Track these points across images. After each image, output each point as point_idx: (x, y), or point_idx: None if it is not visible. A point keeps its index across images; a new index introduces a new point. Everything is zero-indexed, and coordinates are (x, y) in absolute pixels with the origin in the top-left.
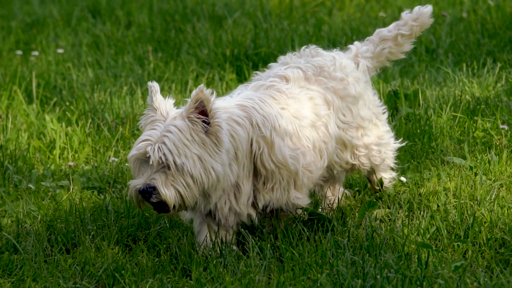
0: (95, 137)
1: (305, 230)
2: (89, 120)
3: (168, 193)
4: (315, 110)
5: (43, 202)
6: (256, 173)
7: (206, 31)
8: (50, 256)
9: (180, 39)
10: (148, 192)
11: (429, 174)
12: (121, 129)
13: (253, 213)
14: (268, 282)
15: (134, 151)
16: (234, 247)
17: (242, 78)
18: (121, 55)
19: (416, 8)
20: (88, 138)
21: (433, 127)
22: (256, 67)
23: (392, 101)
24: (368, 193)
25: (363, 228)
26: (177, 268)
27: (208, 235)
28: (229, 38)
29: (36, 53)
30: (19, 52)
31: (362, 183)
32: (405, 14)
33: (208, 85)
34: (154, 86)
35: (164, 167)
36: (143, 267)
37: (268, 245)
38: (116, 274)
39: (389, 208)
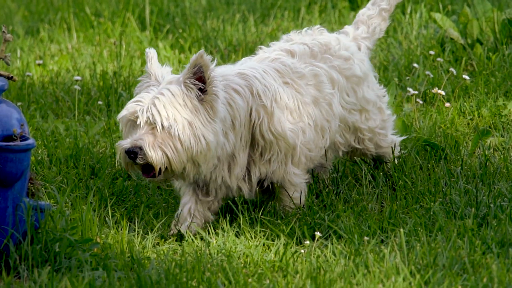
0: None
1: (418, 158)
2: (202, 47)
3: (154, 155)
4: (319, 87)
5: None
6: (253, 144)
7: None
8: None
9: None
10: (134, 152)
11: None
12: (233, 56)
13: (245, 187)
14: (380, 210)
15: (124, 111)
16: (212, 217)
17: (354, 6)
18: None
19: None
20: None
21: None
22: None
23: (506, 30)
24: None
25: (477, 157)
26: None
27: (192, 200)
28: None
29: None
30: None
31: (477, 113)
32: None
33: (320, 13)
34: (151, 52)
35: (153, 129)
36: (256, 194)
37: (381, 173)
38: (232, 205)
39: (503, 136)
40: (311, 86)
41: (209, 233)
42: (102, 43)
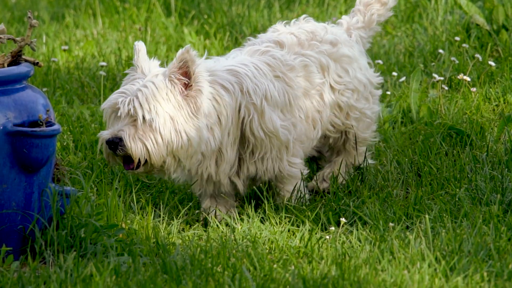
0: None
1: (443, 144)
2: (227, 33)
3: (133, 146)
4: (309, 78)
5: None
6: (243, 142)
7: None
8: None
9: None
10: (114, 143)
11: None
12: None
13: (239, 183)
14: (405, 197)
15: (106, 102)
16: (234, 211)
17: None
18: None
19: None
20: (226, 51)
21: None
22: None
23: None
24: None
25: (502, 143)
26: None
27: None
28: None
29: None
30: None
31: (502, 99)
32: None
33: None
34: (139, 45)
35: (135, 121)
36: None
37: (406, 159)
38: (257, 191)
39: None
40: (301, 77)
41: (234, 219)
42: (128, 29)
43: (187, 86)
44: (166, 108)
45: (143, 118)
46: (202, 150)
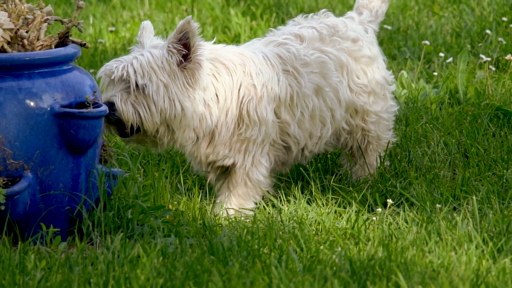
0: None
1: (491, 125)
2: (274, 15)
3: (125, 110)
4: (325, 75)
5: None
6: (238, 122)
7: None
8: None
9: None
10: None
11: None
12: None
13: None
14: (452, 178)
15: (101, 70)
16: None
17: None
18: None
19: None
20: None
21: None
22: None
23: None
24: None
25: None
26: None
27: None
28: None
29: None
30: None
31: None
32: None
33: None
34: (145, 24)
35: (129, 87)
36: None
37: (453, 140)
38: (304, 172)
39: None
40: (315, 74)
41: (280, 201)
42: (174, 10)
43: (186, 58)
44: (161, 76)
45: (136, 83)
46: (196, 125)
